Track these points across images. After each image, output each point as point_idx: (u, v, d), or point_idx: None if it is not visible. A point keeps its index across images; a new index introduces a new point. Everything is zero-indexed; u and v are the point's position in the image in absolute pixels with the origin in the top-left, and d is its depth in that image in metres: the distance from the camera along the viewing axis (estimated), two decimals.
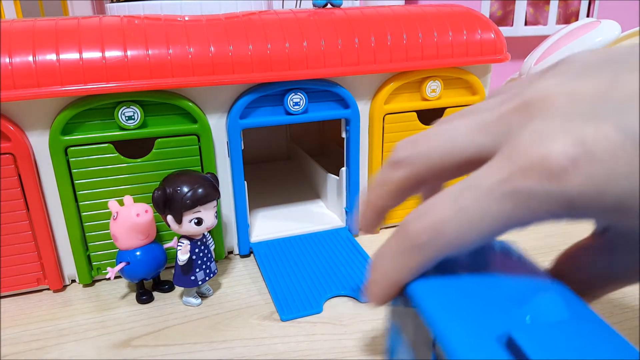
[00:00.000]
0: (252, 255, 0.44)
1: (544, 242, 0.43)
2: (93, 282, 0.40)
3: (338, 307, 0.36)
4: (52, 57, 0.33)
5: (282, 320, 0.35)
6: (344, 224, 0.47)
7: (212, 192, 0.35)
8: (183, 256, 0.34)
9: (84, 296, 0.39)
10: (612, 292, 0.24)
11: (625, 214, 0.17)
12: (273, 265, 0.41)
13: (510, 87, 0.22)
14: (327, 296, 0.37)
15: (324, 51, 0.39)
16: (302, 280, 0.39)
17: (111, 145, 0.36)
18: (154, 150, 0.38)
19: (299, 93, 0.40)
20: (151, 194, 0.34)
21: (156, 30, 0.36)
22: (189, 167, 0.38)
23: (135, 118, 0.36)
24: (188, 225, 0.34)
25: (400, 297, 0.23)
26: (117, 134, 0.36)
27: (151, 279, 0.38)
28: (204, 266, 0.36)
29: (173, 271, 0.37)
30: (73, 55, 0.34)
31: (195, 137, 0.38)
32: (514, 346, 0.18)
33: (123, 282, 0.40)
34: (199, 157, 0.39)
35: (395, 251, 0.21)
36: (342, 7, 0.44)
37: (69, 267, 0.39)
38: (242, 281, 0.40)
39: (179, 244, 0.35)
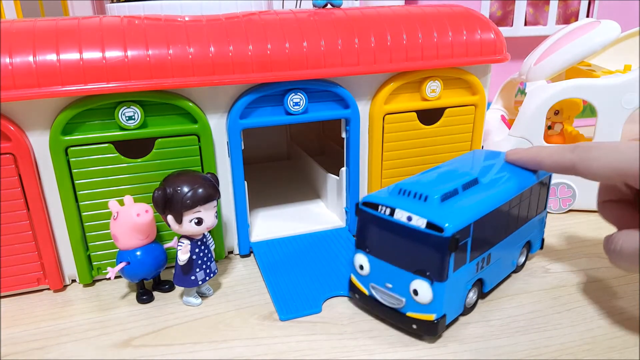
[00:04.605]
0: (252, 255, 0.44)
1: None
2: (93, 282, 0.40)
3: (337, 307, 0.36)
4: (52, 57, 0.33)
5: (282, 320, 0.35)
6: (344, 224, 0.48)
7: (212, 192, 0.35)
8: (183, 256, 0.35)
9: (84, 296, 0.39)
10: None
11: None
12: (273, 265, 0.41)
13: None
14: (327, 296, 0.37)
15: (324, 51, 0.39)
16: (302, 280, 0.39)
17: (111, 145, 0.36)
18: (154, 150, 0.38)
19: (299, 93, 0.40)
20: (151, 194, 0.34)
21: (156, 31, 0.36)
22: (189, 167, 0.39)
23: (136, 118, 0.36)
24: (188, 225, 0.34)
25: None
26: (117, 134, 0.36)
27: (151, 278, 0.38)
28: (204, 266, 0.36)
29: (173, 271, 0.37)
30: (73, 56, 0.34)
31: (195, 137, 0.38)
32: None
33: (123, 282, 0.40)
34: (199, 157, 0.39)
35: None
36: (342, 7, 0.44)
37: (69, 267, 0.39)
38: (242, 281, 0.40)
39: (179, 243, 0.35)
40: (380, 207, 0.32)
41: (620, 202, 0.35)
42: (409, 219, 0.31)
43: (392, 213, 0.32)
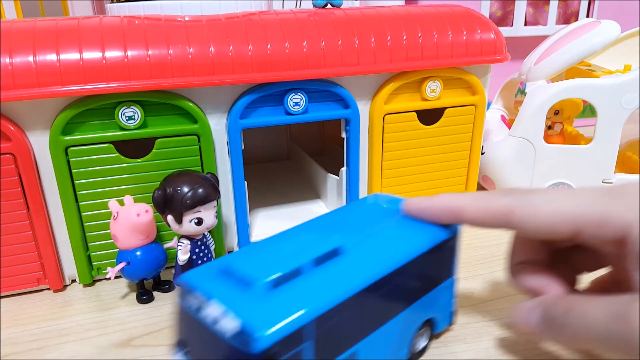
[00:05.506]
0: None
1: None
2: (93, 282, 0.40)
3: None
4: (52, 57, 0.33)
5: None
6: None
7: (212, 192, 0.35)
8: (183, 256, 0.35)
9: (84, 296, 0.39)
10: None
11: None
12: None
13: None
14: None
15: (324, 51, 0.39)
16: None
17: (111, 145, 0.36)
18: (154, 151, 0.38)
19: (299, 93, 0.40)
20: (151, 194, 0.34)
21: (156, 31, 0.36)
22: (189, 167, 0.39)
23: (136, 118, 0.36)
24: (188, 225, 0.34)
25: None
26: (117, 134, 0.36)
27: (151, 278, 0.38)
28: None
29: (173, 271, 0.37)
30: (73, 56, 0.34)
31: (195, 137, 0.38)
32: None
33: (123, 282, 0.40)
34: (199, 157, 0.39)
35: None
36: (342, 7, 0.44)
37: (69, 267, 0.39)
38: None
39: (179, 243, 0.35)
40: (194, 294, 0.23)
41: (539, 265, 0.29)
42: (220, 317, 0.21)
43: (204, 305, 0.22)
